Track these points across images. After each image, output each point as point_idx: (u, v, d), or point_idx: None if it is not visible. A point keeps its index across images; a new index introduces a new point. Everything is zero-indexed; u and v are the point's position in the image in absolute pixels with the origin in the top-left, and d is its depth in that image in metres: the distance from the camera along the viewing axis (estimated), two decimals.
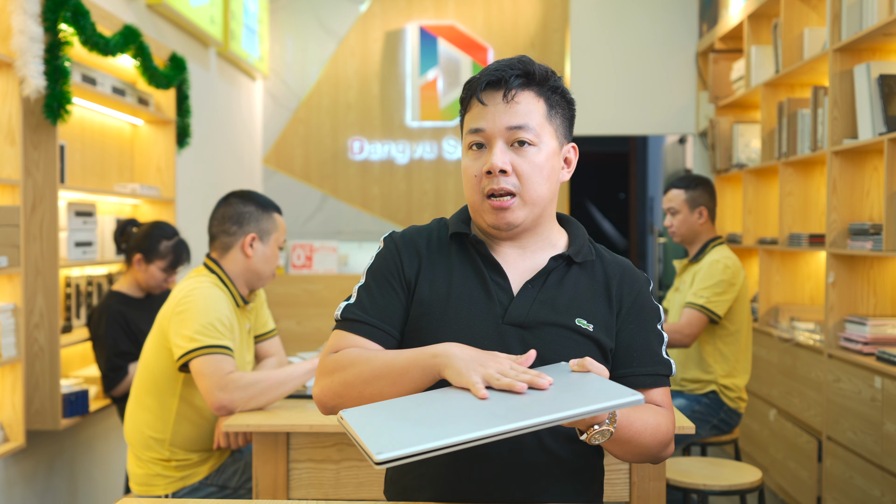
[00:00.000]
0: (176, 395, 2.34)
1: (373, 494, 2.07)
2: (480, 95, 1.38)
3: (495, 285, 1.40)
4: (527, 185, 1.37)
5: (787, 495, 3.78)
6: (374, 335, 1.40)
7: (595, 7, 5.71)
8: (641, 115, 5.73)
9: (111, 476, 3.68)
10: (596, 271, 1.45)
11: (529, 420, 1.08)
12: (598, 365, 1.23)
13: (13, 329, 2.78)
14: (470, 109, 1.41)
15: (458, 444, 1.06)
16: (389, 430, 1.10)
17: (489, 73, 1.38)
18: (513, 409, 1.12)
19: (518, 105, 1.37)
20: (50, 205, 2.99)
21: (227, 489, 2.40)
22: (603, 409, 1.11)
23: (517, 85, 1.37)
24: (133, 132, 3.96)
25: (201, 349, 2.21)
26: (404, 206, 5.91)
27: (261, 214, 2.45)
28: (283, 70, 5.95)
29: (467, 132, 1.40)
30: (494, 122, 1.37)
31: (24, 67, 2.76)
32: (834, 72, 3.31)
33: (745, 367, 3.17)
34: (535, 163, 1.37)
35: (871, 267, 3.28)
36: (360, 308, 1.42)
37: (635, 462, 1.41)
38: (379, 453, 1.03)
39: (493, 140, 1.37)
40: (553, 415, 1.09)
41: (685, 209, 3.28)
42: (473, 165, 1.39)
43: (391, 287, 1.42)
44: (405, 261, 1.43)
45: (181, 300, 2.30)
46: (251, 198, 2.47)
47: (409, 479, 1.44)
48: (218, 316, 2.27)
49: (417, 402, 1.20)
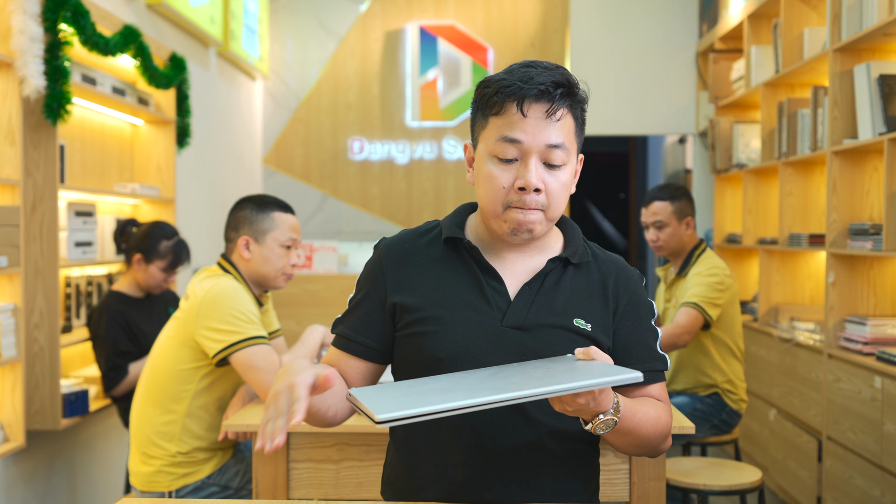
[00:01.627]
0: (189, 393, 2.34)
1: (373, 494, 2.07)
2: (524, 106, 1.32)
3: (491, 289, 1.40)
4: (553, 203, 1.36)
5: (787, 495, 3.78)
6: (352, 349, 1.45)
7: (595, 7, 5.71)
8: (641, 115, 5.73)
9: (111, 476, 3.68)
10: (591, 271, 1.46)
11: (527, 391, 1.11)
12: (603, 354, 1.25)
13: (13, 329, 2.78)
14: (503, 114, 1.33)
15: (455, 408, 1.10)
16: (392, 398, 1.16)
17: (537, 84, 1.31)
18: (513, 384, 1.15)
19: (559, 123, 1.34)
20: (50, 205, 2.99)
21: (228, 489, 2.40)
22: (601, 384, 1.14)
23: (563, 105, 1.34)
24: (133, 132, 3.96)
25: (243, 342, 2.22)
26: (404, 206, 5.91)
27: (256, 215, 2.40)
28: (283, 70, 5.95)
29: (500, 139, 1.33)
30: (535, 138, 1.32)
31: (24, 67, 2.76)
32: (834, 72, 3.31)
33: (741, 374, 3.18)
34: (563, 182, 1.36)
35: (871, 267, 3.28)
36: (344, 322, 1.47)
37: (635, 454, 1.42)
38: (379, 413, 1.08)
39: (529, 156, 1.33)
40: (549, 387, 1.12)
41: (674, 221, 3.17)
42: (503, 176, 1.34)
43: (370, 298, 1.45)
44: (388, 271, 1.44)
45: (208, 296, 2.28)
46: (250, 199, 2.45)
47: (407, 481, 1.44)
48: (250, 307, 2.29)
49: (424, 381, 1.26)
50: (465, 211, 1.51)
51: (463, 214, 1.50)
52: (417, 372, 1.39)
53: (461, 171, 5.88)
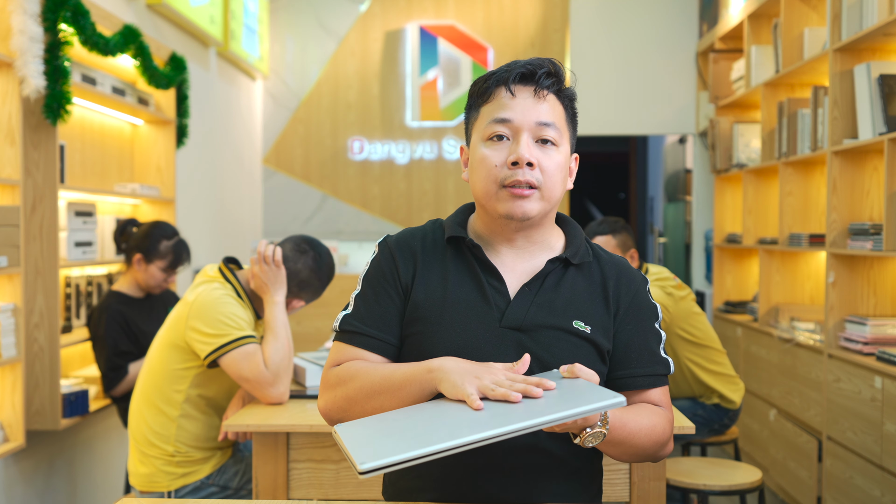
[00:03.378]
0: (183, 392, 2.35)
1: (372, 494, 2.07)
2: (511, 86, 1.36)
3: (492, 289, 1.39)
4: (548, 181, 1.36)
5: (787, 495, 3.78)
6: (372, 346, 1.40)
7: (595, 7, 5.71)
8: (641, 115, 5.73)
9: (111, 476, 3.68)
10: (593, 272, 1.45)
11: (508, 427, 1.10)
12: (588, 370, 1.24)
13: (13, 329, 2.78)
14: (492, 100, 1.38)
15: (437, 451, 1.09)
16: (376, 440, 1.14)
17: (522, 66, 1.37)
18: (495, 416, 1.14)
19: (546, 103, 1.37)
20: (50, 205, 2.99)
21: (228, 490, 2.41)
22: (580, 414, 1.13)
23: (547, 85, 1.37)
24: (133, 132, 3.96)
25: (229, 344, 2.25)
26: (404, 206, 5.91)
27: (315, 282, 2.45)
28: (283, 70, 5.95)
29: (490, 122, 1.37)
30: (524, 115, 1.36)
31: (24, 67, 2.76)
32: (834, 72, 3.31)
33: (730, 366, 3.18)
34: (557, 162, 1.37)
35: (871, 267, 3.28)
36: (358, 318, 1.42)
37: (633, 462, 1.41)
38: (362, 463, 1.07)
39: (520, 133, 1.36)
40: (531, 421, 1.11)
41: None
42: (495, 155, 1.36)
43: (387, 294, 1.41)
44: (401, 265, 1.42)
45: (198, 301, 2.32)
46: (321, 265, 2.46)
47: (407, 481, 1.44)
48: (239, 312, 2.32)
49: (409, 413, 1.23)
50: (466, 211, 1.51)
51: (465, 214, 1.49)
52: None
53: (461, 170, 5.87)
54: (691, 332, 3.10)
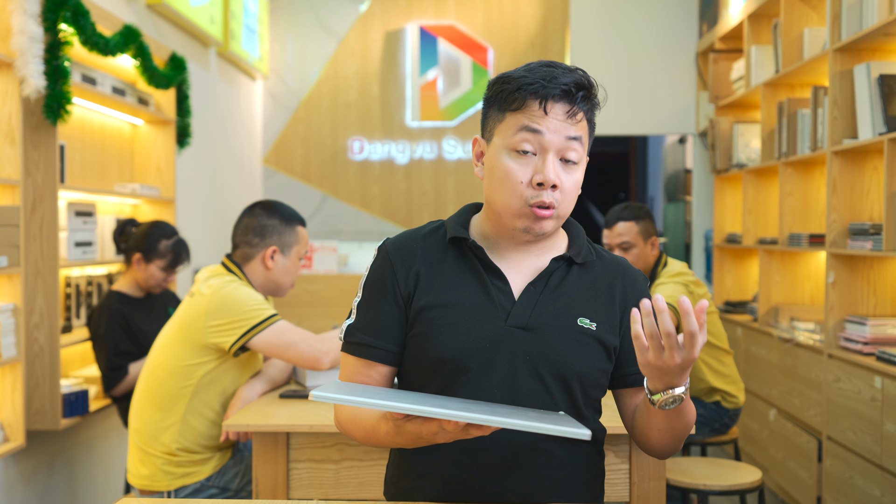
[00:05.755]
0: (189, 389, 2.34)
1: (373, 494, 2.07)
2: (547, 103, 1.33)
3: (496, 289, 1.39)
4: (565, 202, 1.37)
5: (787, 495, 3.78)
6: (375, 355, 1.42)
7: (595, 7, 5.71)
8: (641, 115, 5.73)
9: (111, 476, 3.68)
10: (597, 271, 1.46)
11: (479, 416, 1.11)
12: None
13: (13, 329, 2.78)
14: (523, 110, 1.34)
15: (396, 409, 1.11)
16: (345, 389, 1.17)
17: (559, 85, 1.33)
18: (468, 408, 1.15)
19: (578, 124, 1.36)
20: (50, 205, 2.99)
21: (228, 491, 2.40)
22: (548, 430, 1.12)
23: (584, 108, 1.36)
24: (133, 132, 3.96)
25: (262, 323, 2.27)
26: (404, 206, 5.91)
27: (284, 227, 2.47)
28: (283, 70, 5.95)
29: (519, 132, 1.34)
30: (555, 134, 1.34)
31: (24, 67, 2.76)
32: (834, 72, 3.31)
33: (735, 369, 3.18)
34: (576, 181, 1.38)
35: (871, 267, 3.28)
36: (359, 328, 1.43)
37: (661, 448, 1.41)
38: (317, 391, 1.10)
39: (548, 152, 1.34)
40: (504, 419, 1.11)
41: (640, 242, 3.11)
42: (521, 171, 1.34)
43: (385, 302, 1.42)
44: (399, 272, 1.42)
45: (217, 294, 2.32)
46: (276, 210, 2.48)
47: (409, 480, 1.44)
48: (258, 296, 2.35)
49: (397, 391, 1.28)
50: (468, 211, 1.50)
51: (467, 214, 1.49)
52: (423, 373, 1.39)
53: (461, 171, 5.88)
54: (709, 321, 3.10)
